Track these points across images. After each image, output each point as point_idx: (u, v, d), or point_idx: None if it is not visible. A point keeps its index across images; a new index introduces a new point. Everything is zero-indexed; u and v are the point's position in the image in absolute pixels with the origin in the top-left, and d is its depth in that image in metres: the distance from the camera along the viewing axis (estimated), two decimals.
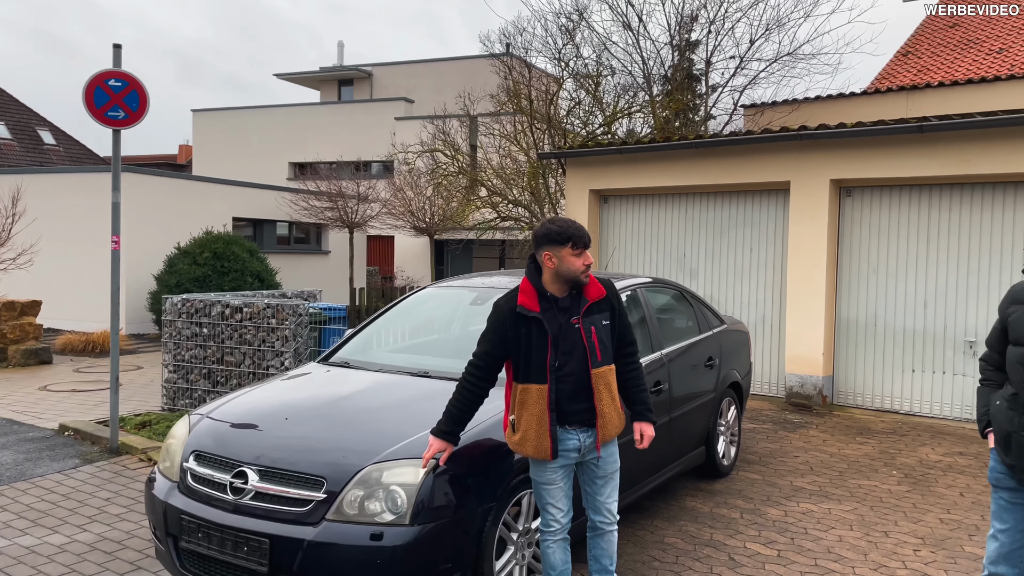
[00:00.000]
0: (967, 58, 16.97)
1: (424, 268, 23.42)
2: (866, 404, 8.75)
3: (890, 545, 4.81)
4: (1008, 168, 7.69)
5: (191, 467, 3.82)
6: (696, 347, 5.85)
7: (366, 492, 3.41)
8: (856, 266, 8.84)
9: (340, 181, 19.42)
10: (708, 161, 9.52)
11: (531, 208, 15.22)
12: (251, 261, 15.16)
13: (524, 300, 3.53)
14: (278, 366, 7.67)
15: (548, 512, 3.61)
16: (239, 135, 28.98)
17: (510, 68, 15.00)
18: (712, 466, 5.99)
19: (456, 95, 19.25)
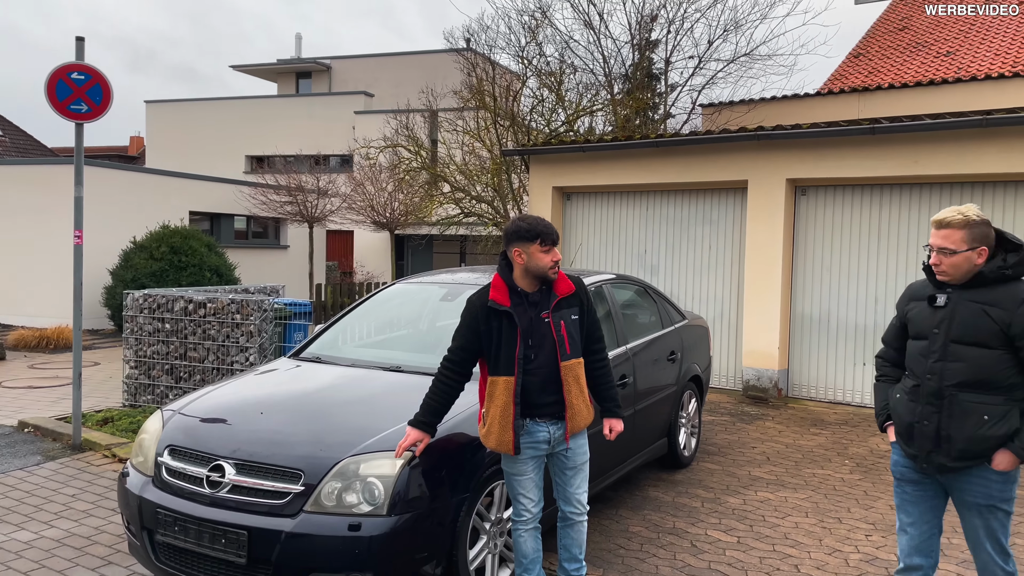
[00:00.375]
0: (916, 60, 17.50)
1: (384, 263, 23.36)
2: (820, 397, 9.04)
3: (843, 531, 5.03)
4: (954, 169, 8.01)
5: (166, 461, 3.85)
6: (659, 341, 6.01)
7: (344, 484, 3.49)
8: (810, 263, 9.12)
9: (299, 175, 19.29)
10: (668, 160, 9.72)
11: (494, 204, 15.32)
12: (209, 256, 15.01)
13: (495, 295, 3.65)
14: (243, 362, 7.66)
15: (519, 502, 3.72)
16: (194, 127, 28.53)
17: (474, 65, 15.06)
18: (674, 457, 6.17)
19: (417, 90, 19.24)
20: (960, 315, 3.09)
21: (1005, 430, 3.01)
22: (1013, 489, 3.10)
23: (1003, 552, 3.15)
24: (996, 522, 3.12)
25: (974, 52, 16.79)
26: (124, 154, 39.17)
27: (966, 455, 3.06)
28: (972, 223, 3.06)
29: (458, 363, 3.70)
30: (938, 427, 3.12)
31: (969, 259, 3.06)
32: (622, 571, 4.37)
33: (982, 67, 15.69)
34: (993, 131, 7.75)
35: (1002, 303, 3.01)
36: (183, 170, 21.30)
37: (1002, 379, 3.02)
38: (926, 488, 3.27)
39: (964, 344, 3.07)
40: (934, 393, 3.13)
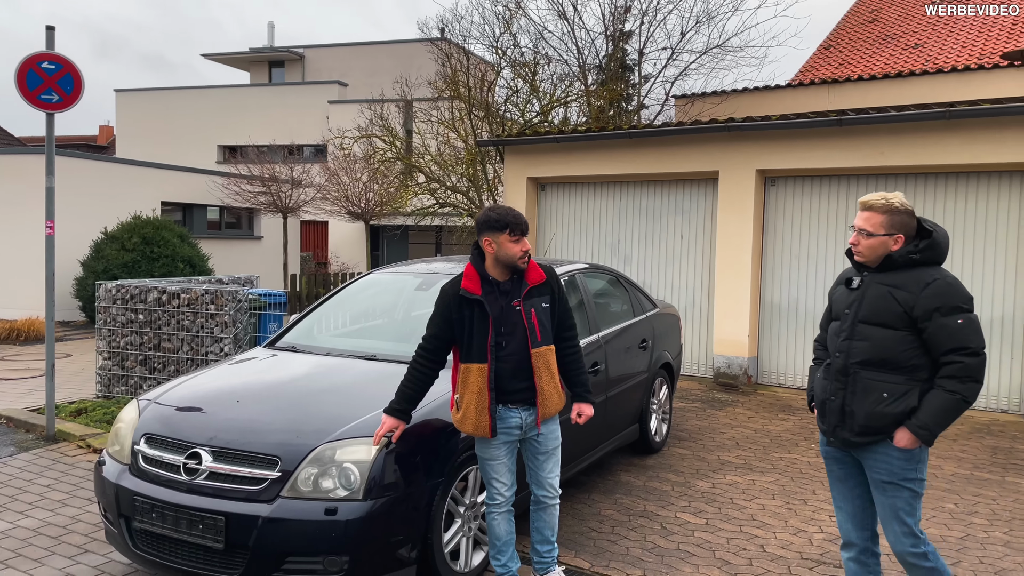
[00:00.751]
0: (885, 52, 17.77)
1: (359, 254, 23.30)
2: (788, 383, 9.23)
3: (808, 512, 5.18)
4: (918, 160, 8.20)
5: (142, 450, 3.89)
6: (631, 330, 6.12)
7: (320, 470, 3.55)
8: (779, 253, 9.29)
9: (273, 165, 19.17)
10: (641, 151, 9.83)
11: (469, 195, 15.36)
12: (182, 247, 14.89)
13: (467, 284, 3.73)
14: (217, 352, 7.66)
15: (493, 486, 3.81)
16: (165, 117, 28.19)
17: (448, 55, 15.06)
18: (645, 442, 6.29)
19: (392, 80, 19.19)
20: (869, 296, 3.20)
21: (902, 408, 3.09)
22: (918, 470, 3.16)
23: (910, 532, 3.17)
24: (900, 500, 3.16)
25: (941, 44, 17.09)
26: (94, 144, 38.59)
27: (866, 431, 3.16)
28: (893, 210, 3.16)
29: (432, 351, 3.78)
30: (843, 403, 3.23)
31: (885, 244, 3.17)
32: (594, 553, 4.48)
33: (949, 59, 15.97)
34: (955, 123, 7.94)
35: (907, 286, 3.11)
36: (154, 160, 21.07)
37: (904, 359, 3.11)
38: (848, 466, 3.36)
39: (870, 324, 3.17)
40: (841, 370, 3.25)
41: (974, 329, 3.06)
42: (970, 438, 7.06)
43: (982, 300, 8.15)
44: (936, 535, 4.79)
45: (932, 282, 3.09)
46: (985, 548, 4.62)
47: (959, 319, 3.05)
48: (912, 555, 3.18)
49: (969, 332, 3.05)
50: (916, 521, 3.18)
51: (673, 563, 4.35)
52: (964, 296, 3.09)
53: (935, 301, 3.06)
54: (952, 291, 3.08)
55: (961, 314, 3.05)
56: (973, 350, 3.04)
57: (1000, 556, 4.51)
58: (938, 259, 3.18)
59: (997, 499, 5.46)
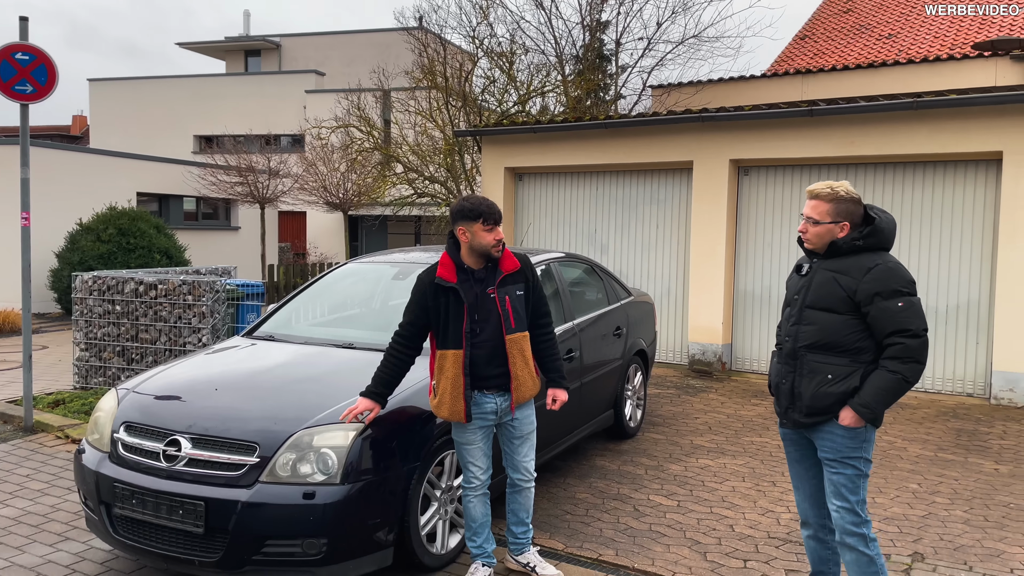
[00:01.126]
0: (859, 42, 17.98)
1: (338, 244, 23.26)
2: (761, 369, 9.40)
3: (777, 493, 5.33)
4: (887, 150, 8.36)
5: (122, 437, 3.94)
6: (605, 317, 6.23)
7: (298, 455, 3.63)
8: (752, 241, 9.44)
9: (249, 155, 19.07)
10: (617, 141, 9.92)
11: (447, 185, 15.39)
12: (158, 238, 14.84)
13: (442, 272, 3.81)
14: (195, 343, 7.68)
15: (469, 470, 3.91)
16: (140, 106, 27.88)
17: (425, 45, 15.06)
18: (620, 428, 6.42)
19: (369, 69, 19.14)
20: (815, 282, 3.32)
21: (844, 388, 3.20)
22: (863, 449, 3.25)
23: (851, 511, 3.25)
24: (843, 477, 3.25)
25: (914, 35, 17.32)
26: (67, 134, 38.09)
27: (813, 411, 3.27)
28: (839, 198, 3.26)
29: (408, 337, 3.86)
30: (792, 385, 3.36)
31: (831, 231, 3.27)
32: (568, 534, 4.59)
33: (921, 49, 16.21)
34: (922, 113, 8.11)
35: (851, 271, 3.22)
36: (129, 150, 20.88)
37: (848, 342, 3.22)
38: (803, 448, 3.48)
39: (816, 309, 3.29)
40: (790, 354, 3.38)
41: (915, 312, 3.15)
42: (936, 421, 7.25)
43: (949, 286, 8.35)
44: (899, 513, 4.95)
45: (874, 267, 3.19)
46: (946, 526, 4.79)
47: (899, 302, 3.14)
48: (851, 534, 3.26)
49: (910, 315, 3.14)
50: (858, 500, 3.26)
51: (645, 543, 4.48)
52: (904, 280, 3.18)
53: (876, 285, 3.15)
54: (892, 275, 3.17)
55: (901, 297, 3.15)
56: (913, 332, 3.13)
57: (959, 533, 4.68)
58: (882, 245, 3.27)
59: (959, 479, 5.63)
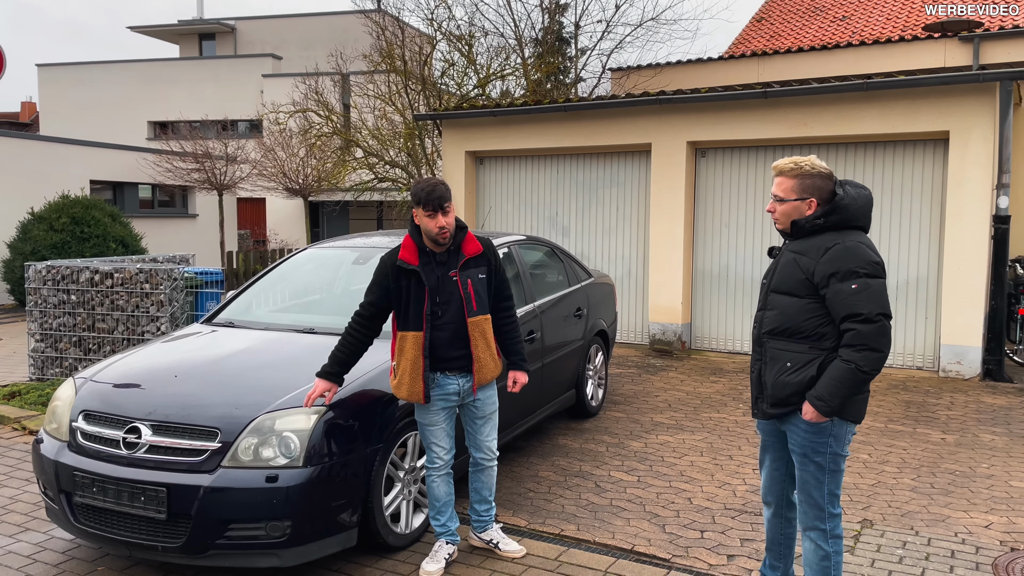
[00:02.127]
0: (814, 24, 18.23)
1: (299, 231, 23.04)
2: (719, 348, 9.58)
3: (733, 466, 5.48)
4: (839, 131, 8.54)
5: (80, 426, 3.92)
6: (566, 299, 6.31)
7: (260, 439, 3.64)
8: (710, 222, 9.59)
9: (206, 141, 18.76)
10: (577, 124, 9.98)
11: (408, 169, 15.33)
12: (113, 226, 14.56)
13: (404, 255, 3.84)
14: (154, 331, 7.60)
15: (432, 450, 3.96)
16: (91, 92, 27.23)
17: (383, 28, 14.93)
18: (582, 407, 6.51)
19: (327, 52, 18.90)
20: (780, 265, 3.20)
21: (802, 377, 3.05)
22: (828, 444, 3.09)
23: (814, 505, 3.15)
24: (808, 474, 3.13)
25: (868, 16, 17.60)
26: (16, 121, 37.04)
27: (775, 402, 3.14)
28: (804, 173, 3.10)
29: (367, 318, 3.89)
30: (759, 374, 3.25)
31: (798, 208, 3.12)
32: (531, 512, 4.67)
33: (875, 31, 16.49)
34: (873, 94, 8.29)
35: (809, 252, 3.06)
36: (81, 137, 20.41)
37: (808, 328, 3.06)
38: (773, 437, 3.35)
39: (779, 293, 3.16)
40: (756, 341, 3.28)
41: (870, 295, 2.94)
42: (887, 394, 7.48)
43: (899, 263, 8.58)
44: (849, 483, 5.12)
45: (832, 247, 3.01)
46: (894, 493, 4.97)
47: (853, 284, 2.95)
48: (813, 528, 3.17)
49: (863, 298, 2.93)
50: (823, 495, 3.13)
51: (605, 518, 4.58)
52: (863, 260, 2.98)
53: (831, 266, 2.99)
54: (849, 255, 2.98)
55: (856, 279, 2.95)
56: (866, 316, 2.92)
57: (907, 500, 4.86)
58: (850, 223, 3.08)
59: (908, 449, 5.84)
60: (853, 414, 3.09)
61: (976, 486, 5.09)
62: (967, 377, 8.05)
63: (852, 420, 3.10)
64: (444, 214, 3.76)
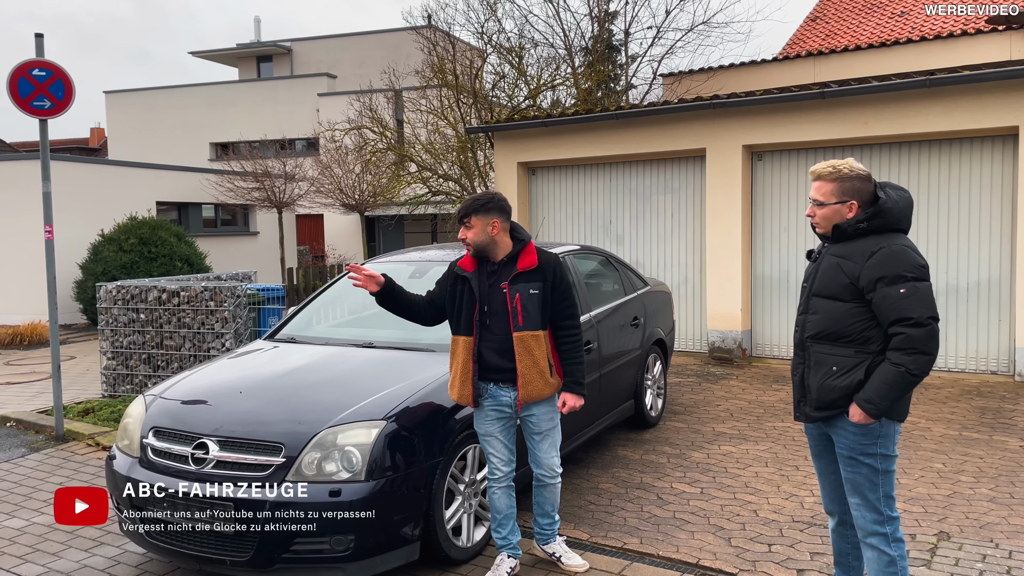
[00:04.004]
0: (871, 21, 17.80)
1: (356, 245, 23.39)
2: (781, 355, 9.37)
3: (800, 477, 5.34)
4: (901, 129, 8.31)
5: (151, 442, 4.03)
6: (622, 308, 6.25)
7: (323, 454, 3.69)
8: (768, 226, 9.41)
9: (265, 160, 19.23)
10: (629, 131, 9.92)
11: (461, 182, 15.45)
12: (179, 245, 15.01)
13: (463, 262, 3.96)
14: (219, 347, 7.79)
15: (491, 461, 3.96)
16: (156, 116, 28.18)
17: (434, 43, 15.11)
18: (641, 417, 6.44)
19: (380, 70, 19.21)
20: (822, 269, 3.18)
21: (849, 381, 3.05)
22: (879, 444, 3.09)
23: (870, 508, 3.13)
24: (860, 476, 3.12)
25: (926, 12, 17.11)
26: (86, 146, 38.57)
27: (821, 405, 3.13)
28: (843, 176, 3.09)
29: (429, 300, 4.09)
30: (802, 378, 3.24)
31: (839, 211, 3.11)
32: (592, 524, 4.63)
33: (934, 27, 16.02)
34: (936, 91, 8.04)
35: (854, 256, 3.06)
36: (147, 160, 21.12)
37: (853, 332, 3.06)
38: (822, 441, 3.33)
39: (822, 297, 3.16)
40: (799, 344, 3.27)
41: (919, 298, 2.95)
42: (960, 400, 7.21)
43: (969, 265, 8.28)
44: (924, 494, 4.94)
45: (877, 251, 3.01)
46: (971, 504, 4.78)
47: (902, 288, 2.95)
48: (872, 533, 3.13)
49: (912, 301, 2.94)
50: (879, 497, 3.12)
51: (669, 531, 4.51)
52: (910, 264, 2.98)
53: (878, 271, 2.99)
54: (896, 259, 2.98)
55: (904, 283, 2.96)
56: (916, 320, 2.93)
57: (985, 511, 4.66)
58: (892, 226, 3.08)
59: (984, 457, 5.61)
60: (899, 413, 3.10)
61: None
62: None
63: (898, 419, 3.11)
64: (467, 228, 3.86)
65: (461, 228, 3.88)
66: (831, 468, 3.36)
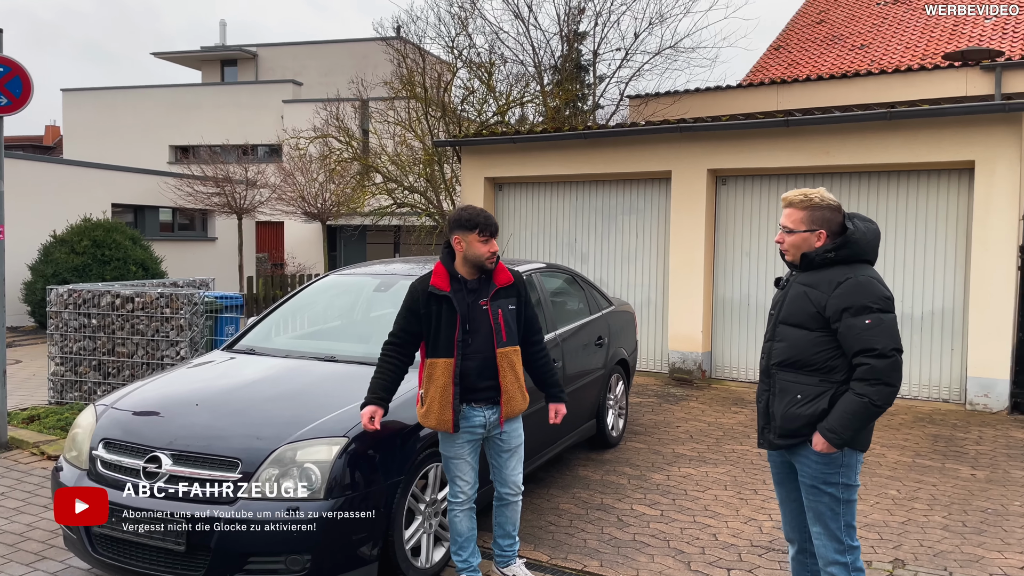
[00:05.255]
0: (832, 53, 18.22)
1: (316, 255, 23.13)
2: (740, 377, 9.46)
3: (758, 501, 5.36)
4: (862, 159, 8.48)
5: (100, 455, 3.89)
6: (587, 327, 6.25)
7: (281, 470, 3.60)
8: (731, 250, 9.52)
9: (226, 165, 18.95)
10: (596, 151, 9.97)
11: (427, 195, 15.38)
12: (134, 249, 14.66)
13: (436, 281, 3.83)
14: (173, 356, 7.60)
15: (456, 484, 3.89)
16: (114, 116, 27.62)
17: (404, 55, 15.07)
18: (602, 437, 6.42)
19: (347, 79, 19.10)
20: (789, 297, 3.20)
21: (812, 410, 3.06)
22: (840, 474, 3.10)
23: (833, 537, 3.13)
24: (821, 504, 3.13)
25: (886, 45, 17.58)
26: (40, 144, 37.60)
27: (784, 433, 3.15)
28: (814, 205, 3.12)
29: (399, 344, 3.87)
30: (767, 404, 3.26)
31: (808, 240, 3.13)
32: (552, 546, 4.59)
33: (893, 60, 16.45)
34: (896, 123, 8.23)
35: (821, 285, 3.07)
36: (103, 161, 20.65)
37: (819, 361, 3.08)
38: (784, 469, 3.34)
39: (788, 325, 3.17)
40: (765, 371, 3.29)
41: (884, 330, 2.98)
42: (913, 427, 7.34)
43: (924, 293, 8.46)
44: (879, 520, 5.00)
45: (844, 281, 3.03)
46: (925, 532, 4.84)
47: (867, 319, 2.97)
48: (833, 563, 3.14)
49: (877, 333, 2.97)
50: (841, 527, 3.13)
51: (629, 553, 4.48)
52: (876, 295, 3.01)
53: (844, 301, 3.01)
54: (862, 290, 3.01)
55: (870, 314, 2.98)
56: (880, 352, 2.96)
57: (939, 539, 4.73)
58: (859, 257, 3.11)
59: (937, 485, 5.70)
60: (861, 443, 3.13)
61: (1010, 525, 4.95)
62: (994, 410, 7.89)
63: (860, 449, 3.14)
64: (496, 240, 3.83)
65: (493, 240, 3.80)
66: (792, 496, 3.37)
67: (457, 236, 3.81)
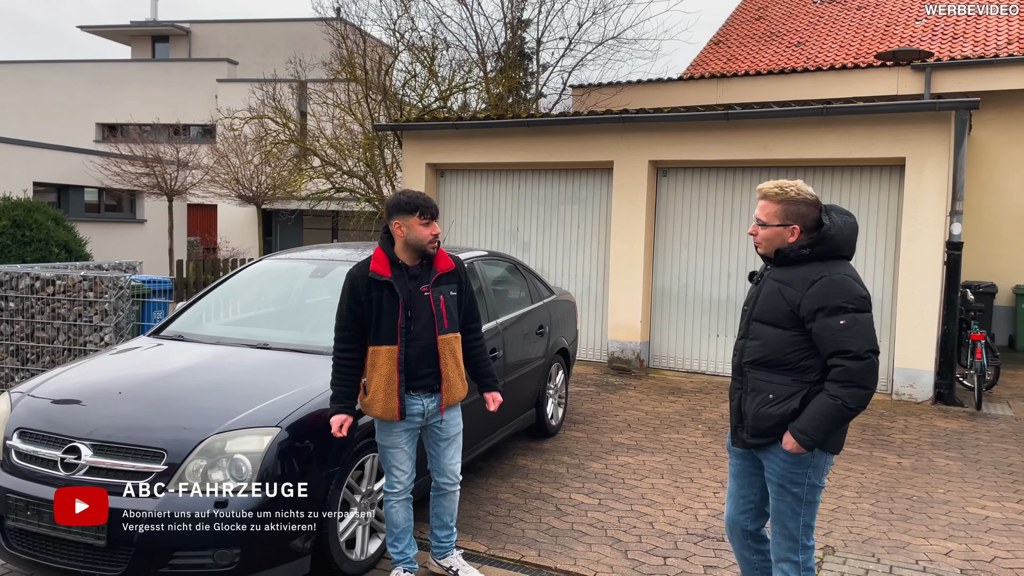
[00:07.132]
0: (770, 49, 18.56)
1: (251, 239, 22.57)
2: (677, 367, 9.57)
3: (694, 489, 5.42)
4: (799, 154, 8.63)
5: (15, 445, 3.68)
6: (528, 316, 6.21)
7: (209, 461, 3.46)
8: (670, 241, 9.60)
9: (157, 145, 18.31)
10: (539, 139, 9.93)
11: (367, 180, 15.12)
12: (57, 230, 14.01)
13: (376, 267, 3.71)
14: (97, 342, 7.29)
15: (392, 474, 3.80)
16: (38, 92, 26.43)
17: (344, 36, 14.74)
18: (542, 427, 6.41)
19: (285, 59, 18.62)
20: (763, 293, 3.10)
21: (784, 410, 2.98)
22: (807, 475, 3.04)
23: (789, 536, 3.10)
24: (783, 504, 3.08)
25: (821, 43, 17.98)
26: None
27: (756, 432, 3.07)
28: (789, 199, 3.01)
29: (348, 340, 3.72)
30: (740, 403, 3.16)
31: (781, 235, 3.03)
32: (490, 536, 4.54)
33: (828, 58, 16.84)
34: (832, 120, 8.40)
35: (795, 283, 2.98)
36: (26, 137, 19.73)
37: (792, 360, 2.99)
38: (746, 464, 3.26)
39: (762, 323, 3.07)
40: (737, 369, 3.20)
41: (859, 331, 2.89)
42: None
43: None
44: None
45: (819, 279, 2.94)
46: (854, 519, 4.96)
47: (842, 320, 2.89)
48: (785, 560, 3.12)
49: (852, 334, 2.88)
50: (800, 526, 3.09)
51: (567, 543, 4.47)
52: (851, 295, 2.93)
53: (818, 300, 2.92)
54: (837, 289, 2.92)
55: (844, 314, 2.89)
56: (855, 353, 2.87)
57: (867, 526, 4.85)
58: (835, 253, 3.02)
59: (865, 473, 5.85)
60: (833, 445, 3.05)
61: (934, 512, 5.11)
62: (919, 400, 8.16)
63: (831, 451, 3.06)
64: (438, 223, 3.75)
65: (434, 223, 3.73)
66: (746, 492, 3.29)
67: (397, 220, 3.70)
